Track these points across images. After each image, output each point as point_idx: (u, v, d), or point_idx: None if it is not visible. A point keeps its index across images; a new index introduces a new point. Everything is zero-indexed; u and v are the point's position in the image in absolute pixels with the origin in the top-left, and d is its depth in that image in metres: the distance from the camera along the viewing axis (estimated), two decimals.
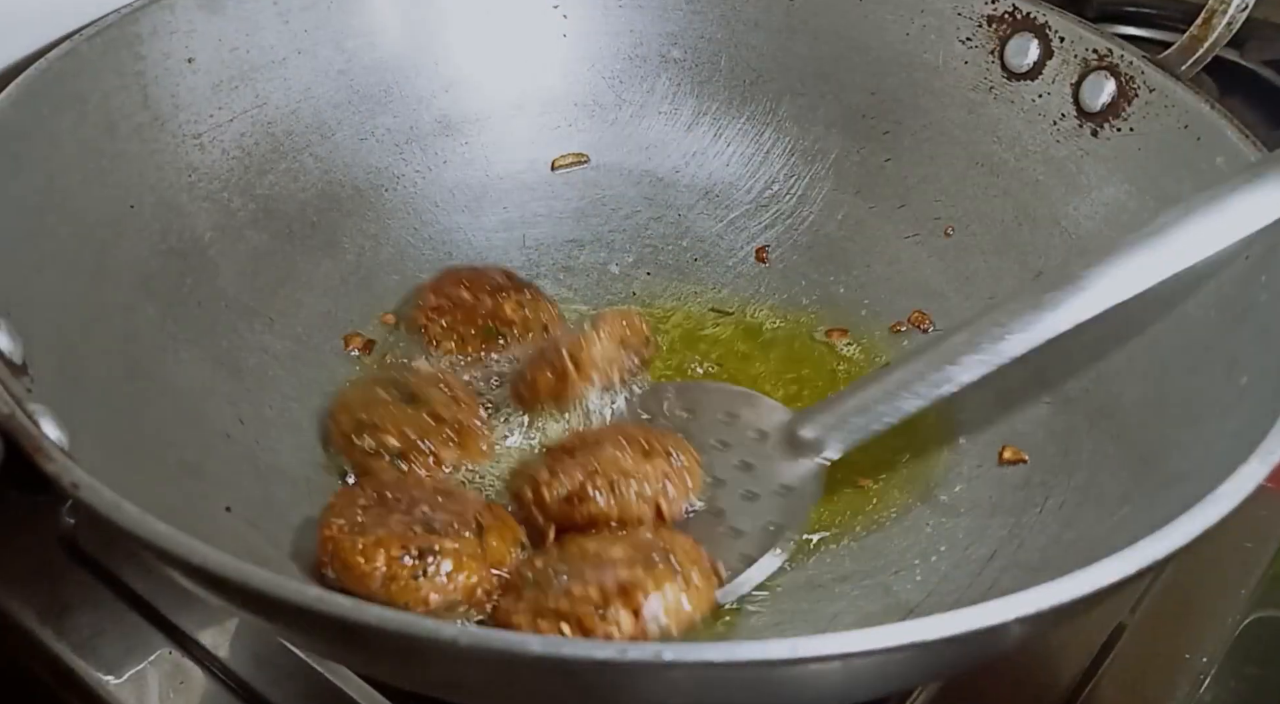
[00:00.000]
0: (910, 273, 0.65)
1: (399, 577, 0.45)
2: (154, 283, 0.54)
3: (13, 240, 0.48)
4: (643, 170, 0.71)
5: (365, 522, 0.46)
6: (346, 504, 0.48)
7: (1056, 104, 0.61)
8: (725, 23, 0.70)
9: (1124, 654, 0.52)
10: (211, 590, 0.37)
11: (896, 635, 0.32)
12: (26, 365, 0.42)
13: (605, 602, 0.43)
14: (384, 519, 0.47)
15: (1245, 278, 0.50)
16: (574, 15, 0.70)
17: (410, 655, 0.34)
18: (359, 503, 0.48)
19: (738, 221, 0.69)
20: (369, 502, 0.48)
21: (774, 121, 0.70)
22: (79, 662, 0.50)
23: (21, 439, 0.38)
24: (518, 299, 0.61)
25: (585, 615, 0.43)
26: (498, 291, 0.61)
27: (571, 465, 0.51)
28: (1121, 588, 0.35)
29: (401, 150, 0.67)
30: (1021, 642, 0.42)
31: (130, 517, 0.35)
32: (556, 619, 0.43)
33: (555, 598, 0.44)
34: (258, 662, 0.50)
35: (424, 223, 0.67)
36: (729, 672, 0.32)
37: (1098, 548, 0.37)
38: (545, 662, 0.32)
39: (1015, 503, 0.53)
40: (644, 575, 0.44)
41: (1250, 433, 0.41)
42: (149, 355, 0.52)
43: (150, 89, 0.57)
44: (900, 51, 0.66)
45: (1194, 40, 0.56)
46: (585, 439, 0.53)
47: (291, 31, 0.63)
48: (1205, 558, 0.55)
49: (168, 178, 0.57)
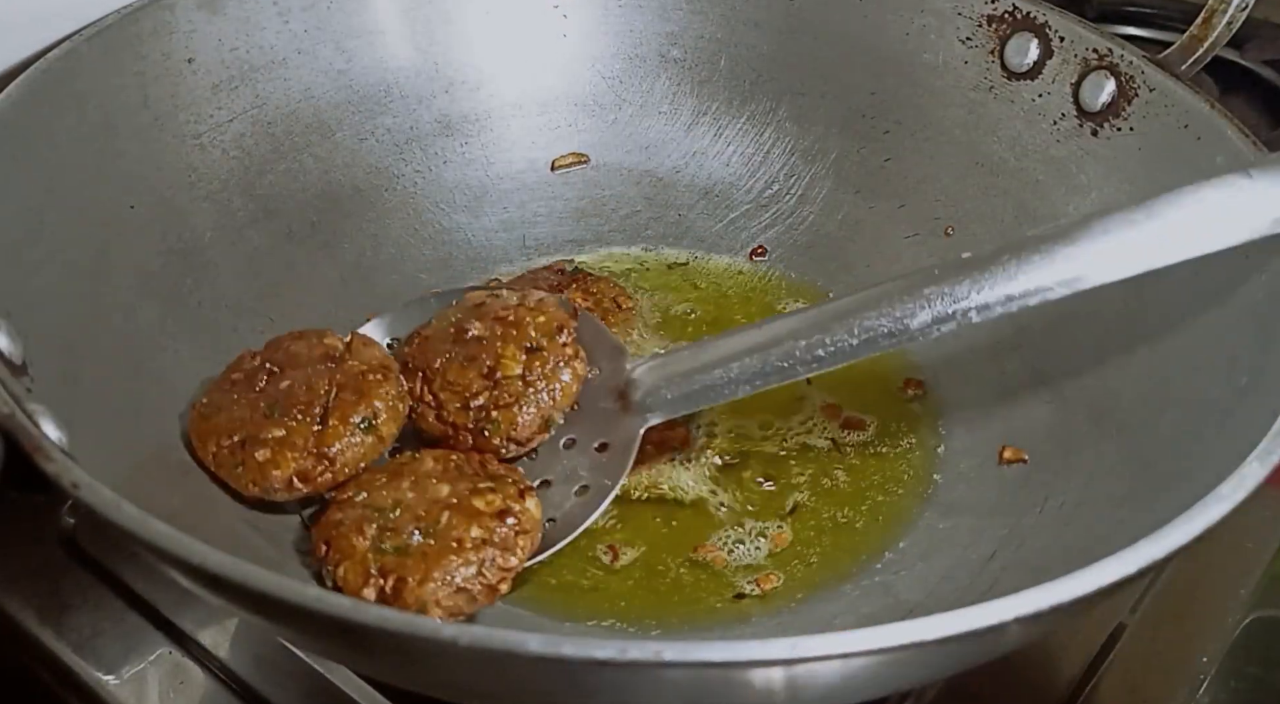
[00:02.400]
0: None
1: (224, 464, 0.49)
2: (154, 283, 0.54)
3: (13, 240, 0.48)
4: (643, 170, 0.71)
5: (218, 402, 0.50)
6: (226, 376, 0.52)
7: (1056, 104, 0.61)
8: (725, 23, 0.70)
9: (1124, 654, 0.52)
10: (211, 590, 0.37)
11: (896, 635, 0.32)
12: (26, 365, 0.42)
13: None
14: (233, 402, 0.50)
15: (1245, 278, 0.50)
16: (574, 15, 0.70)
17: (409, 655, 0.34)
18: (233, 376, 0.51)
19: (738, 221, 0.69)
20: (242, 373, 0.51)
21: (774, 121, 0.70)
22: (79, 661, 0.50)
23: (21, 439, 0.38)
24: (582, 288, 0.63)
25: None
26: (559, 289, 0.62)
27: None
28: (1121, 588, 0.35)
29: (401, 150, 0.67)
30: (1021, 642, 0.42)
31: (130, 517, 0.35)
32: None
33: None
34: (258, 662, 0.50)
35: (424, 223, 0.67)
36: (729, 671, 0.32)
37: (1098, 548, 0.36)
38: (544, 661, 0.32)
39: (1015, 503, 0.53)
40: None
41: (1250, 433, 0.41)
42: (149, 355, 0.52)
43: (150, 89, 0.57)
44: (900, 51, 0.66)
45: (1194, 40, 0.56)
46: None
47: (291, 31, 0.63)
48: (1205, 558, 0.55)
49: (168, 178, 0.57)
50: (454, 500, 0.47)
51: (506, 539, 0.46)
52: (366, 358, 0.52)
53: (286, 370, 0.51)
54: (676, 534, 0.53)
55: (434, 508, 0.47)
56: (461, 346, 0.52)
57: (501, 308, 0.54)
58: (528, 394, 0.51)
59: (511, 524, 0.46)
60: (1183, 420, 0.49)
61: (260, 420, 0.49)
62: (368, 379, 0.51)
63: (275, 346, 0.53)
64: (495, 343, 0.52)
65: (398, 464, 0.50)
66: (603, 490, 0.50)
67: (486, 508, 0.47)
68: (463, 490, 0.47)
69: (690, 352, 0.52)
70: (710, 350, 0.51)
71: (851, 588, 0.51)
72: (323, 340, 0.52)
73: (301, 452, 0.48)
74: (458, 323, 0.53)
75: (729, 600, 0.51)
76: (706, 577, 0.52)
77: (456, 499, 0.47)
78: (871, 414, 0.59)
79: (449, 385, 0.51)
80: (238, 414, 0.49)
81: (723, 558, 0.52)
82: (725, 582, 0.51)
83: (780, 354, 0.48)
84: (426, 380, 0.52)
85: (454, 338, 0.53)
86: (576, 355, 0.52)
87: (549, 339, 0.52)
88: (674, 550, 0.53)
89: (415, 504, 0.47)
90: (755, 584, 0.51)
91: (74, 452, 0.39)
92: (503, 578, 0.46)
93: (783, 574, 0.52)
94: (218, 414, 0.50)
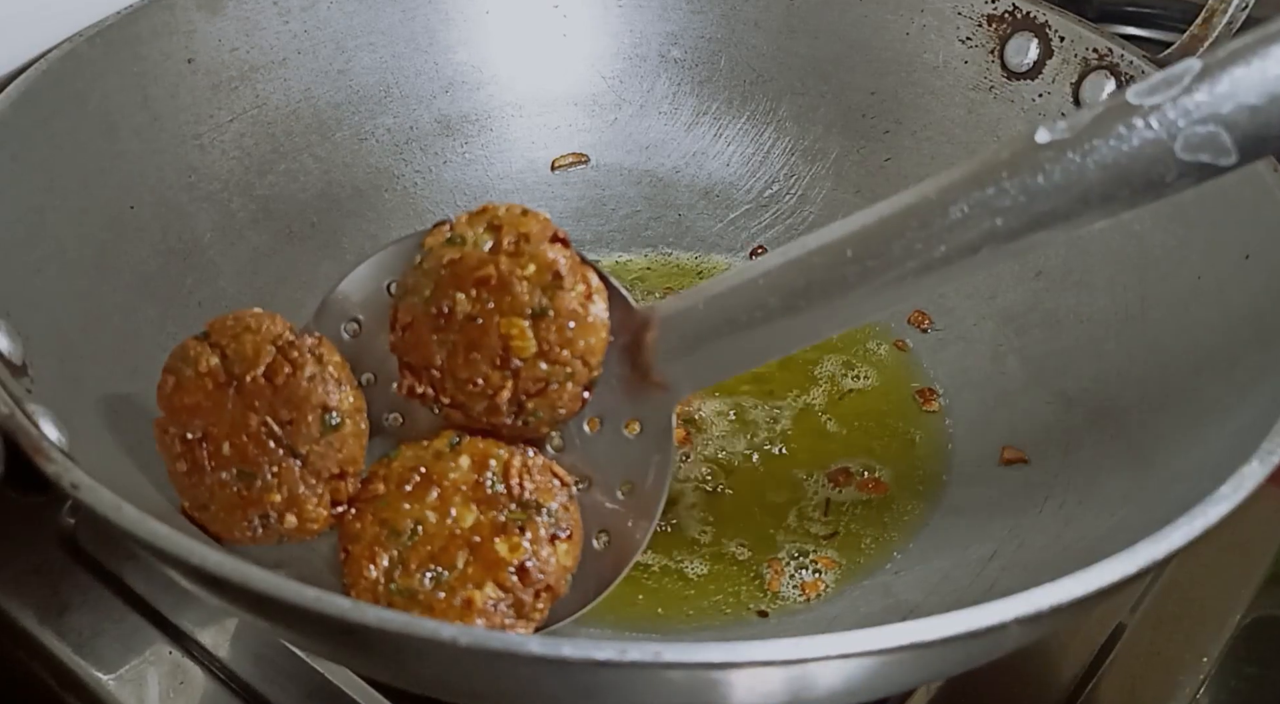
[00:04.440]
0: None
1: (269, 539, 0.44)
2: (154, 283, 0.54)
3: (13, 240, 0.48)
4: (643, 170, 0.71)
5: (199, 495, 0.44)
6: (173, 469, 0.45)
7: (1056, 103, 0.61)
8: (725, 23, 0.70)
9: (1124, 654, 0.52)
10: (211, 590, 0.37)
11: (896, 635, 0.32)
12: (26, 365, 0.42)
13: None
14: (208, 488, 0.44)
15: (1245, 277, 0.50)
16: (574, 15, 0.70)
17: (409, 655, 0.34)
18: (179, 467, 0.45)
19: (738, 221, 0.69)
20: (184, 462, 0.45)
21: (774, 121, 0.70)
22: (79, 661, 0.50)
23: (21, 439, 0.38)
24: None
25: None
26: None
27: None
28: (1121, 588, 0.35)
29: (401, 150, 0.67)
30: (1021, 642, 0.42)
31: (130, 517, 0.35)
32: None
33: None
34: (258, 662, 0.50)
35: (424, 223, 0.66)
36: (729, 672, 0.32)
37: (1098, 548, 0.36)
38: (544, 662, 0.32)
39: (1015, 503, 0.53)
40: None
41: (1250, 433, 0.41)
42: (149, 355, 0.52)
43: (150, 89, 0.57)
44: (900, 51, 0.66)
45: (1194, 40, 0.56)
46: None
47: (291, 32, 0.63)
48: (1205, 558, 0.55)
49: (168, 178, 0.57)
50: (476, 538, 0.42)
51: (522, 603, 0.42)
52: (250, 354, 0.44)
53: (210, 432, 0.44)
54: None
55: (452, 545, 0.42)
56: (456, 332, 0.44)
57: (477, 265, 0.43)
58: (555, 370, 0.43)
59: (534, 582, 0.42)
60: (1183, 420, 0.49)
61: (251, 498, 0.44)
62: (281, 382, 0.44)
63: (171, 408, 0.45)
64: (492, 320, 0.43)
65: (432, 456, 0.44)
66: (653, 490, 0.44)
67: (508, 555, 0.42)
68: (486, 523, 0.43)
69: (708, 303, 0.42)
70: (735, 301, 0.41)
71: (852, 588, 0.51)
72: (198, 368, 0.45)
73: (311, 490, 0.44)
74: (435, 300, 0.44)
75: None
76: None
77: (479, 537, 0.42)
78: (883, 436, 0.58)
79: (463, 385, 0.44)
80: (229, 502, 0.44)
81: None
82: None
83: (824, 262, 0.38)
84: (435, 384, 0.45)
85: (443, 320, 0.44)
86: (589, 295, 0.43)
87: (550, 294, 0.43)
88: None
89: (434, 533, 0.43)
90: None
91: (74, 452, 0.39)
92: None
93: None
94: (211, 507, 0.44)
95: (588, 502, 0.45)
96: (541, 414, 0.43)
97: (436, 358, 0.44)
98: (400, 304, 0.45)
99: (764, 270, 0.41)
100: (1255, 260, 0.50)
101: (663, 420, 0.44)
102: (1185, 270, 0.53)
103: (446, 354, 0.44)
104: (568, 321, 0.43)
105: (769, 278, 0.40)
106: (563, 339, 0.43)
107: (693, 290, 0.43)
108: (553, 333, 0.43)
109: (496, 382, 0.43)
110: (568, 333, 0.43)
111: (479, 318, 0.43)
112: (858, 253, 0.38)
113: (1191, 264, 0.53)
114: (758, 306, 0.41)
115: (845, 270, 0.39)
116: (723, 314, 0.42)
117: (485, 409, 0.44)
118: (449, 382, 0.44)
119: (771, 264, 0.41)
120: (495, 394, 0.43)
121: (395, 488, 0.44)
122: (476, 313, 0.43)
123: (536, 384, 0.43)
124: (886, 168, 0.67)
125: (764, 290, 0.40)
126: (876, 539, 0.53)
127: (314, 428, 0.43)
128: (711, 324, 0.42)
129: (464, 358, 0.44)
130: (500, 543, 0.42)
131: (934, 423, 0.59)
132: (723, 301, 0.42)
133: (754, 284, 0.41)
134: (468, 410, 0.44)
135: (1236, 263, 0.50)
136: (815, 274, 0.39)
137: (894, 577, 0.51)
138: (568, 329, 0.43)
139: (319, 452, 0.43)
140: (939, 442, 0.57)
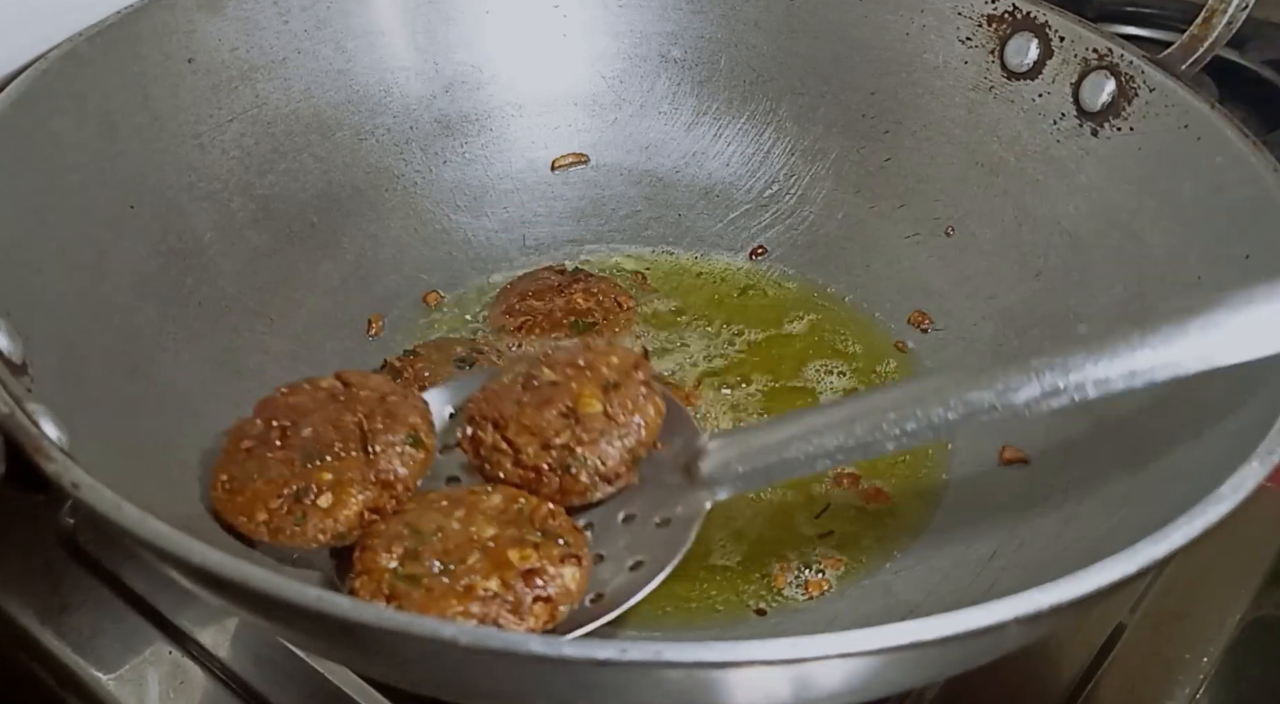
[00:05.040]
0: (910, 273, 0.65)
1: (283, 528, 0.46)
2: (154, 283, 0.54)
3: (13, 240, 0.48)
4: (643, 170, 0.71)
5: (245, 470, 0.47)
6: (234, 447, 0.48)
7: (1056, 104, 0.61)
8: (725, 23, 0.70)
9: (1124, 654, 0.52)
10: (211, 590, 0.37)
11: (896, 635, 0.32)
12: (26, 365, 0.42)
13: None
14: (262, 461, 0.47)
15: (1245, 277, 0.50)
16: (574, 15, 0.70)
17: (409, 655, 0.34)
18: (243, 445, 0.48)
19: (737, 221, 0.69)
20: (253, 440, 0.48)
21: (774, 121, 0.70)
22: (79, 661, 0.50)
23: (21, 439, 0.38)
24: (583, 288, 0.63)
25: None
26: (560, 290, 0.63)
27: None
28: (1121, 588, 0.35)
29: (401, 150, 0.67)
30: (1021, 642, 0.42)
31: (130, 517, 0.35)
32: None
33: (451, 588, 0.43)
34: (258, 662, 0.50)
35: (424, 223, 0.67)
36: (729, 672, 0.32)
37: (1098, 548, 0.36)
38: (545, 661, 0.32)
39: (1015, 503, 0.53)
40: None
41: (1250, 433, 0.41)
42: (149, 355, 0.52)
43: (150, 89, 0.57)
44: (900, 51, 0.66)
45: (1194, 40, 0.56)
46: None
47: (291, 32, 0.63)
48: (1205, 558, 0.55)
49: (168, 178, 0.57)
50: (491, 544, 0.44)
51: (521, 602, 0.43)
52: (374, 385, 0.50)
53: (299, 421, 0.48)
54: None
55: (467, 545, 0.44)
56: (533, 392, 0.49)
57: (570, 355, 0.51)
58: (612, 428, 0.48)
59: (537, 588, 0.43)
60: (1183, 420, 0.49)
61: (303, 472, 0.47)
62: (390, 401, 0.49)
63: (270, 405, 0.50)
64: (570, 384, 0.49)
65: (467, 493, 0.47)
66: (657, 566, 0.47)
67: (519, 561, 0.43)
68: (507, 537, 0.44)
69: (769, 426, 0.49)
70: (790, 425, 0.47)
71: (852, 588, 0.51)
72: (318, 385, 0.50)
73: (362, 483, 0.46)
74: (525, 373, 0.50)
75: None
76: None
77: (494, 543, 0.44)
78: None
79: (525, 429, 0.48)
80: (275, 474, 0.47)
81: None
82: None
83: (867, 428, 0.45)
84: (499, 427, 0.49)
85: (524, 385, 0.50)
86: (656, 392, 0.50)
87: (625, 376, 0.50)
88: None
89: (454, 536, 0.44)
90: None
91: (74, 452, 0.39)
92: None
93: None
94: (250, 483, 0.47)
95: (595, 570, 0.47)
96: (587, 461, 0.47)
97: (509, 408, 0.49)
98: (491, 382, 0.51)
99: (815, 427, 0.46)
100: (1255, 260, 0.50)
101: (693, 513, 0.48)
102: (1185, 270, 0.53)
103: (519, 405, 0.49)
104: (636, 394, 0.49)
105: (819, 435, 0.46)
106: (625, 407, 0.49)
107: (754, 428, 0.51)
108: (618, 401, 0.49)
109: (558, 426, 0.48)
110: (631, 403, 0.49)
111: (558, 382, 0.50)
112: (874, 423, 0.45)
113: (1191, 264, 0.53)
114: (805, 456, 0.46)
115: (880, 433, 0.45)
116: (777, 453, 0.47)
117: (537, 449, 0.48)
118: (512, 425, 0.48)
119: (820, 422, 0.46)
120: (553, 437, 0.48)
121: (426, 505, 0.46)
122: (558, 379, 0.50)
123: (592, 435, 0.48)
124: (886, 168, 0.67)
125: (814, 445, 0.46)
126: (877, 539, 0.53)
127: (397, 435, 0.48)
128: (764, 457, 0.47)
129: (534, 408, 0.49)
130: (514, 551, 0.44)
131: None
132: (779, 446, 0.47)
133: (806, 435, 0.46)
134: (519, 455, 0.48)
135: (1237, 263, 0.50)
136: (856, 431, 0.45)
137: (894, 576, 0.51)
138: (632, 401, 0.49)
139: (388, 454, 0.47)
140: (940, 442, 0.57)
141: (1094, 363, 0.41)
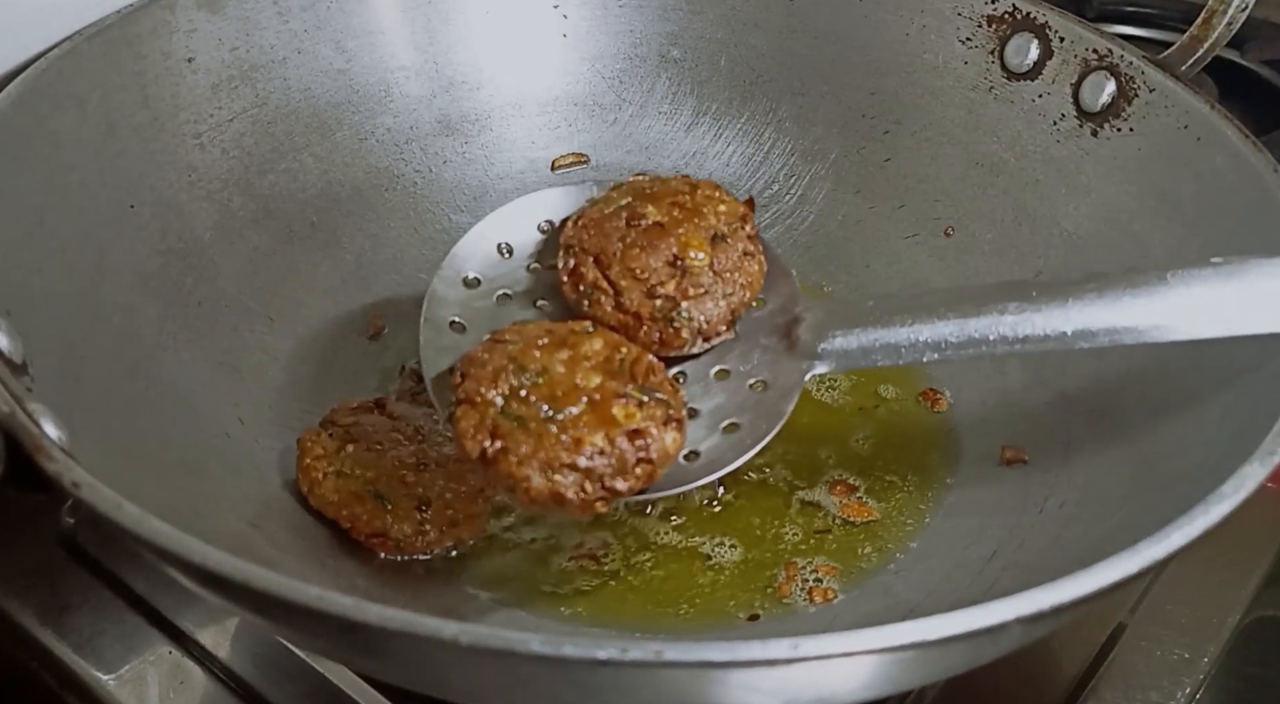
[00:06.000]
0: (910, 273, 0.65)
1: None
2: (154, 283, 0.54)
3: (13, 240, 0.48)
4: (642, 170, 0.70)
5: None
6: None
7: (1056, 104, 0.61)
8: (725, 23, 0.70)
9: (1124, 654, 0.52)
10: (211, 590, 0.37)
11: (896, 635, 0.32)
12: (26, 365, 0.42)
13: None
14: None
15: None
16: (574, 15, 0.70)
17: (409, 655, 0.34)
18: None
19: None
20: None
21: (774, 121, 0.70)
22: (79, 661, 0.50)
23: (22, 439, 0.38)
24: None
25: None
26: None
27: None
28: (1121, 588, 0.35)
29: (401, 150, 0.67)
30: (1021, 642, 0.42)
31: (131, 516, 0.35)
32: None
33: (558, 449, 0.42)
34: (258, 662, 0.50)
35: (424, 223, 0.67)
36: (729, 671, 0.32)
37: (1098, 548, 0.37)
38: (545, 661, 0.32)
39: (1015, 503, 0.53)
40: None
41: (1250, 433, 0.41)
42: (149, 355, 0.52)
43: (150, 89, 0.57)
44: (900, 51, 0.66)
45: (1194, 40, 0.56)
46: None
47: (291, 31, 0.63)
48: (1205, 558, 0.55)
49: (168, 178, 0.57)
50: (597, 396, 0.43)
51: (624, 461, 0.42)
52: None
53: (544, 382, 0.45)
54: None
55: (574, 393, 0.43)
56: (638, 232, 0.47)
57: (676, 192, 0.49)
58: (717, 285, 0.47)
59: (639, 448, 0.42)
60: (1183, 420, 0.49)
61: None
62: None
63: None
64: (677, 229, 0.47)
65: (568, 331, 0.46)
66: (756, 435, 0.46)
67: (624, 420, 0.43)
68: (611, 390, 0.43)
69: (877, 302, 0.47)
70: (902, 304, 0.46)
71: (852, 588, 0.51)
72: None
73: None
74: (629, 207, 0.49)
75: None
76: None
77: (601, 396, 0.43)
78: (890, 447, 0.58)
79: (630, 272, 0.47)
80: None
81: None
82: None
83: (982, 325, 0.43)
84: (600, 264, 0.47)
85: (627, 221, 0.48)
86: (760, 249, 0.48)
87: (732, 228, 0.48)
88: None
89: (559, 381, 0.43)
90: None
91: (74, 451, 0.39)
92: (602, 498, 0.42)
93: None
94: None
95: (690, 426, 0.46)
96: (690, 317, 0.46)
97: (612, 246, 0.48)
98: (588, 208, 0.49)
99: (928, 306, 0.46)
100: None
101: (791, 384, 0.47)
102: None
103: (623, 247, 0.47)
104: (742, 250, 0.47)
105: (930, 295, 0.47)
106: (732, 264, 0.47)
107: (860, 301, 0.49)
108: (724, 256, 0.47)
109: (664, 275, 0.47)
110: (738, 259, 0.47)
111: (665, 224, 0.48)
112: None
113: (1191, 264, 0.53)
114: (911, 343, 0.45)
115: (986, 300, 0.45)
116: (882, 331, 0.46)
117: (641, 296, 0.47)
118: (615, 265, 0.47)
119: (935, 301, 0.46)
120: (658, 285, 0.47)
121: (528, 341, 0.45)
122: (664, 220, 0.48)
123: (698, 289, 0.47)
124: (886, 168, 0.67)
125: (924, 332, 0.45)
126: (878, 539, 0.53)
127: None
128: (875, 315, 0.46)
129: (640, 250, 0.47)
130: (619, 408, 0.43)
131: (938, 422, 0.58)
132: (889, 300, 0.47)
133: (918, 296, 0.47)
134: (621, 298, 0.47)
135: None
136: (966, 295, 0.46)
137: (894, 576, 0.51)
138: (740, 256, 0.47)
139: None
140: (941, 442, 0.57)
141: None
